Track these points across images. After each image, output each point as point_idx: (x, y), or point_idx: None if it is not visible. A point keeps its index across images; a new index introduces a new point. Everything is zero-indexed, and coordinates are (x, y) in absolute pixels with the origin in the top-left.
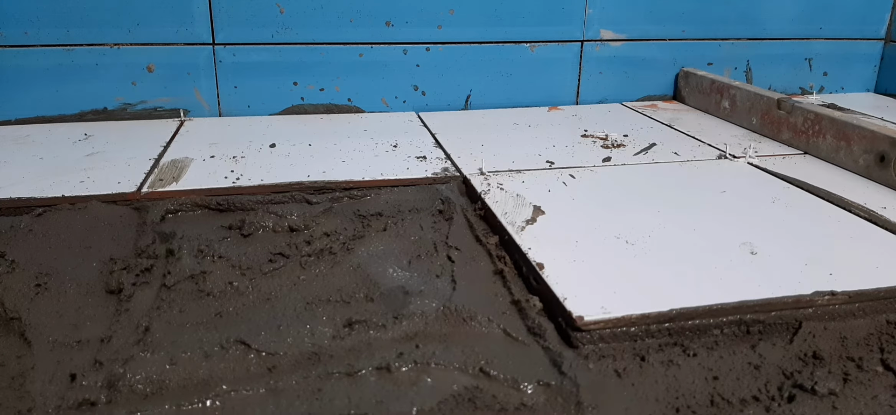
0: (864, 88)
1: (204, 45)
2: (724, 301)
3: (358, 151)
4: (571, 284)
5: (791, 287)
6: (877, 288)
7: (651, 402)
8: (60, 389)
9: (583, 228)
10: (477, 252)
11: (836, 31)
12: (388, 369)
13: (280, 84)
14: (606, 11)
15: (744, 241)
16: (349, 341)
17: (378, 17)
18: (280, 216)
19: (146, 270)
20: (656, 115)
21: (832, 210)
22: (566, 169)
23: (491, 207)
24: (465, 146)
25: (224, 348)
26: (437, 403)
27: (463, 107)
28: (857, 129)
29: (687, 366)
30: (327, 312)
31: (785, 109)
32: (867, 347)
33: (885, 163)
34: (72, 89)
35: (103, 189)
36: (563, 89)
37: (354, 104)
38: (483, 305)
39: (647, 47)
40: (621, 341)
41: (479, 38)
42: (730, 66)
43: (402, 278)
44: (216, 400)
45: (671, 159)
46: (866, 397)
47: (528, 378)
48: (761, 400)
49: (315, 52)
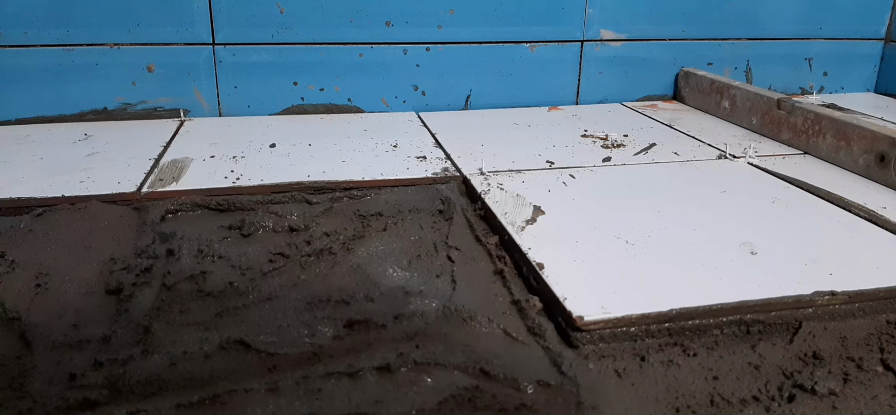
0: (864, 88)
1: (204, 45)
2: (724, 301)
3: (358, 151)
4: (571, 284)
5: (791, 287)
6: (877, 288)
7: (651, 402)
8: (60, 389)
9: (583, 228)
10: (477, 252)
11: (836, 31)
12: (388, 369)
13: (280, 84)
14: (606, 11)
15: (744, 241)
16: (349, 341)
17: (378, 17)
18: (280, 216)
19: (146, 270)
20: (656, 115)
21: (832, 210)
22: (566, 169)
23: (491, 207)
24: (465, 146)
25: (224, 348)
26: (437, 403)
27: (463, 107)
28: (857, 129)
29: (687, 366)
30: (327, 312)
31: (785, 109)
32: (867, 347)
33: (885, 163)
34: (72, 89)
35: (103, 189)
36: (563, 89)
37: (354, 104)
38: (483, 306)
39: (647, 47)
40: (621, 341)
41: (479, 38)
42: (730, 66)
43: (402, 278)
44: (216, 400)
45: (671, 159)
46: (866, 397)
47: (528, 378)
48: (761, 400)
49: (315, 52)
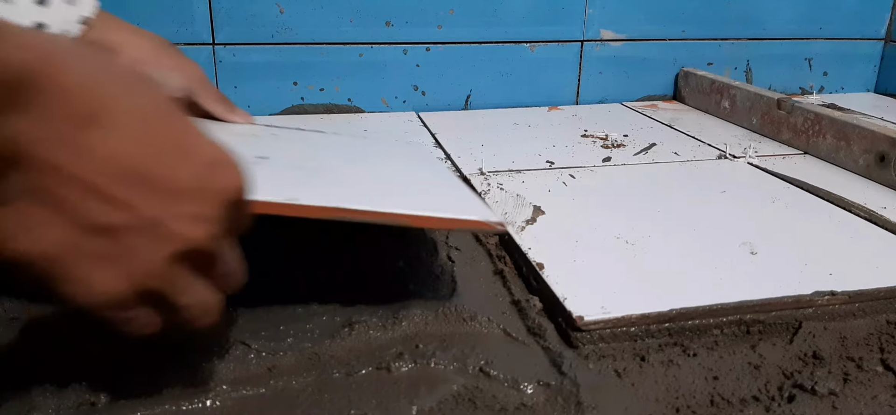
0: (864, 88)
1: (204, 45)
2: (724, 301)
3: None
4: (571, 283)
5: (791, 287)
6: (877, 288)
7: (651, 402)
8: (60, 389)
9: (583, 228)
10: (477, 252)
11: (836, 31)
12: (387, 369)
13: (280, 84)
14: (606, 11)
15: (744, 241)
16: (349, 342)
17: (378, 17)
18: None
19: None
20: (656, 115)
21: (832, 210)
22: (566, 169)
23: (491, 207)
24: (464, 146)
25: (224, 347)
26: (437, 403)
27: (463, 107)
28: (857, 129)
29: (687, 366)
30: (327, 312)
31: (785, 109)
32: (867, 347)
33: (885, 163)
34: None
35: None
36: (563, 89)
37: (354, 104)
38: (483, 306)
39: (647, 47)
40: (621, 341)
41: (478, 38)
42: (730, 66)
43: (402, 278)
44: (216, 400)
45: (671, 159)
46: (866, 397)
47: (528, 378)
48: (761, 400)
49: (315, 52)
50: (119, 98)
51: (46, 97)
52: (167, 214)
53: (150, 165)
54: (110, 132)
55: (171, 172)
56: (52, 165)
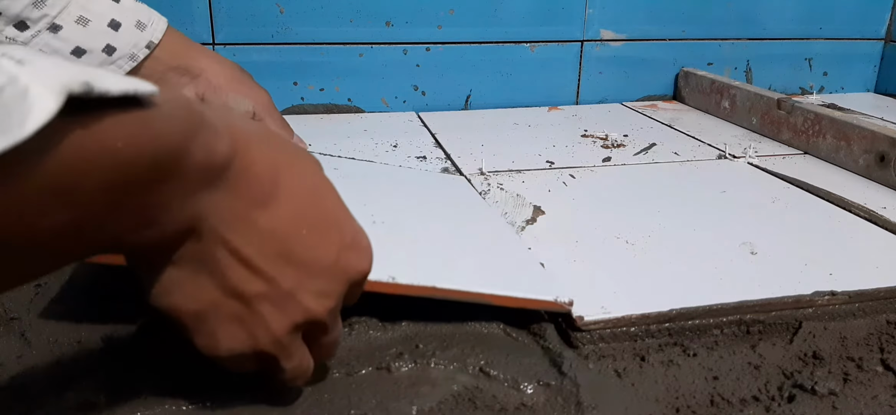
0: (864, 88)
1: (204, 45)
2: (724, 301)
3: (358, 151)
4: (571, 284)
5: (791, 287)
6: (877, 288)
7: (651, 402)
8: (60, 389)
9: (583, 228)
10: None
11: (836, 31)
12: (387, 369)
13: (280, 84)
14: (606, 11)
15: (744, 241)
16: (349, 342)
17: (378, 17)
18: None
19: None
20: (656, 115)
21: (832, 210)
22: (566, 169)
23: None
24: (464, 146)
25: None
26: (437, 403)
27: (463, 107)
28: (857, 129)
29: (687, 366)
30: None
31: (785, 109)
32: (867, 347)
33: (885, 163)
34: None
35: None
36: (563, 89)
37: (354, 104)
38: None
39: (647, 47)
40: (621, 341)
41: (478, 38)
42: (730, 66)
43: None
44: (216, 400)
45: (671, 159)
46: (866, 397)
47: (528, 378)
48: (761, 400)
49: (315, 52)
50: (290, 180)
51: (235, 179)
52: (300, 287)
53: (298, 242)
54: (275, 211)
55: (313, 251)
56: (223, 239)
